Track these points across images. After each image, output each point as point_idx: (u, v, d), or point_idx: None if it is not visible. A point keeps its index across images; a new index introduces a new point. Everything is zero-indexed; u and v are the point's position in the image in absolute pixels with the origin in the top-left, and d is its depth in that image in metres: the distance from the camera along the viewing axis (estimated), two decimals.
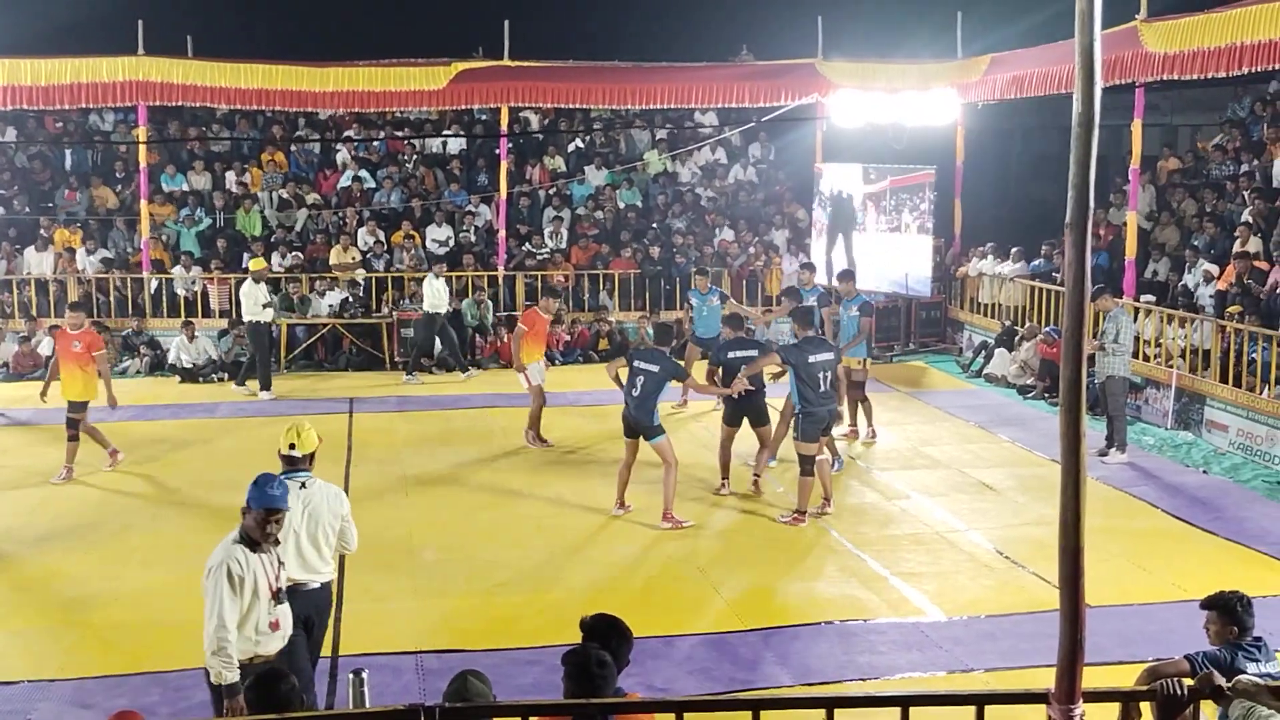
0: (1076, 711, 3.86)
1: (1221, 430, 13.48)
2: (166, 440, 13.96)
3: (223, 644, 5.60)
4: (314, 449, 6.84)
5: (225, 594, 5.65)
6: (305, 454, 6.75)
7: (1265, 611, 7.12)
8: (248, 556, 5.76)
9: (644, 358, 10.82)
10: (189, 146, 21.43)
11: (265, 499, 5.81)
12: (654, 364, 10.67)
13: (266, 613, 5.83)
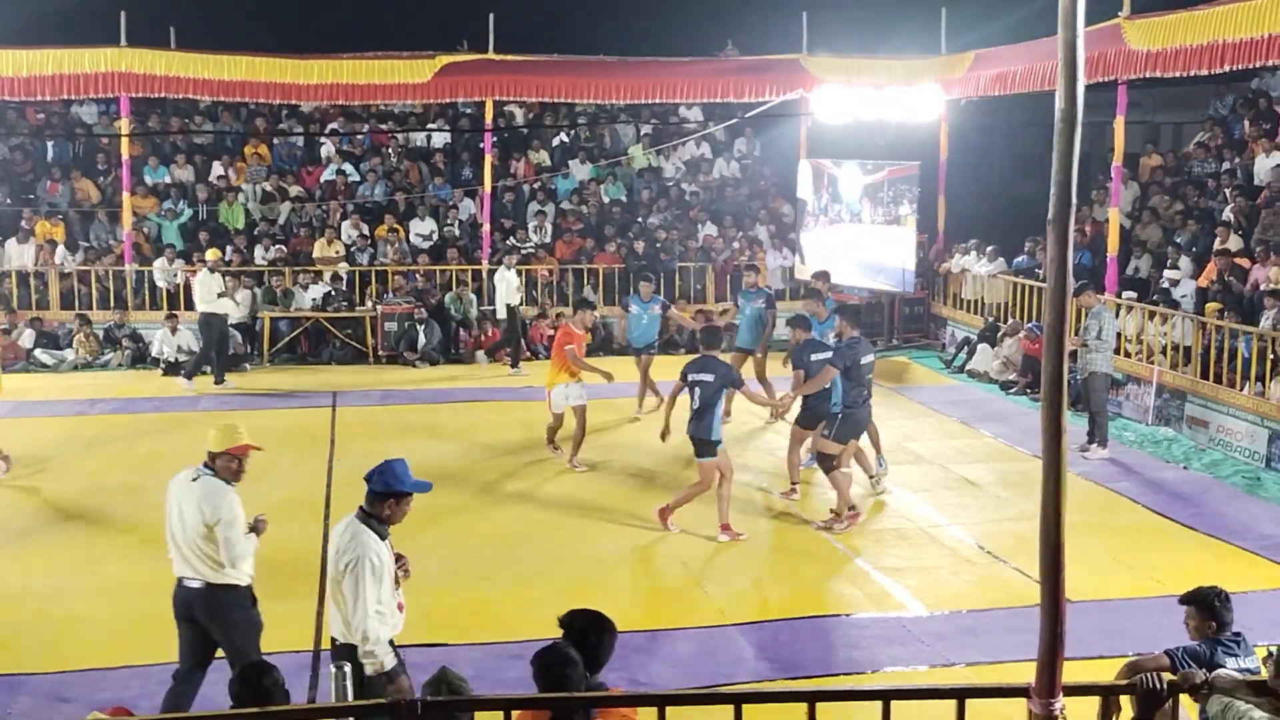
0: (1057, 705, 3.89)
1: (1202, 426, 13.55)
2: (148, 432, 13.90)
3: (375, 633, 5.70)
4: (221, 448, 6.57)
5: (369, 584, 5.71)
6: (209, 450, 6.60)
7: (1244, 607, 7.16)
8: (379, 544, 5.83)
9: (695, 367, 10.12)
10: (172, 139, 21.34)
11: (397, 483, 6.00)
12: (708, 372, 10.00)
13: (392, 596, 5.91)
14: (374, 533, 5.84)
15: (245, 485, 12.00)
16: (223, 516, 6.49)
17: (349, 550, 5.75)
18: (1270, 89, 18.08)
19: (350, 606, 5.71)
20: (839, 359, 10.53)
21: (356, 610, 5.70)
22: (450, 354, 18.49)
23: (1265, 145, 16.58)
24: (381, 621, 5.76)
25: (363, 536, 5.80)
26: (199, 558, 6.54)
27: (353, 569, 5.71)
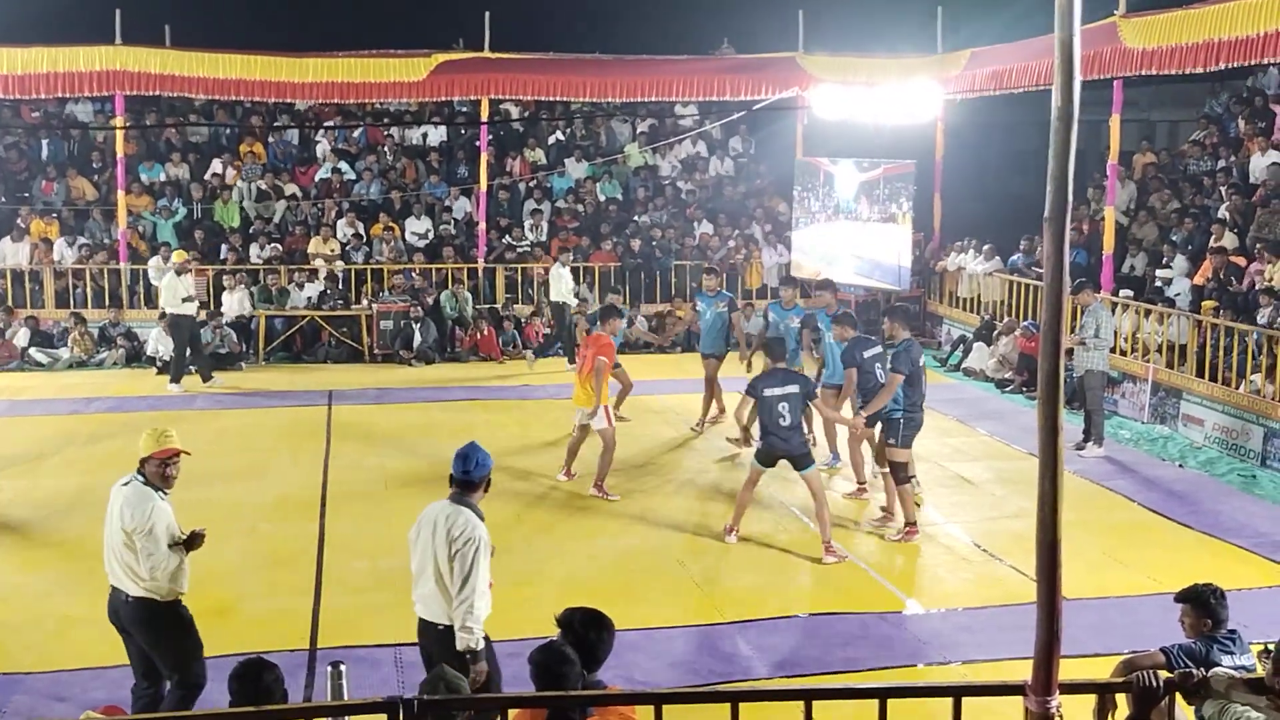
0: (1053, 703, 3.89)
1: (1197, 424, 13.57)
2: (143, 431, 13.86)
3: (480, 611, 5.95)
4: (148, 452, 6.41)
5: (483, 564, 5.99)
6: (140, 456, 6.43)
7: (1240, 604, 7.17)
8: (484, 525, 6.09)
9: (776, 382, 9.83)
10: (166, 137, 21.31)
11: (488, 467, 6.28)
12: (793, 384, 9.84)
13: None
14: (478, 515, 6.12)
15: (242, 483, 12.05)
16: (139, 525, 6.24)
17: (465, 533, 5.98)
18: (1266, 87, 18.10)
19: (460, 585, 5.92)
20: (901, 364, 10.19)
21: (466, 588, 5.92)
22: (446, 353, 18.48)
23: (1261, 143, 16.59)
24: (484, 600, 6.04)
25: (475, 519, 6.07)
26: (120, 566, 6.35)
27: (469, 550, 5.95)
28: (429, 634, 6.12)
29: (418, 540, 6.17)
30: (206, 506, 11.00)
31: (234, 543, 10.05)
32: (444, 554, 5.99)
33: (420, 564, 6.13)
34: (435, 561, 6.03)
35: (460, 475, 6.23)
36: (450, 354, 18.50)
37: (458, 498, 6.19)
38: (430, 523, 6.11)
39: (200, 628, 8.24)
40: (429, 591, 6.09)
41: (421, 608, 6.17)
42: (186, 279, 16.04)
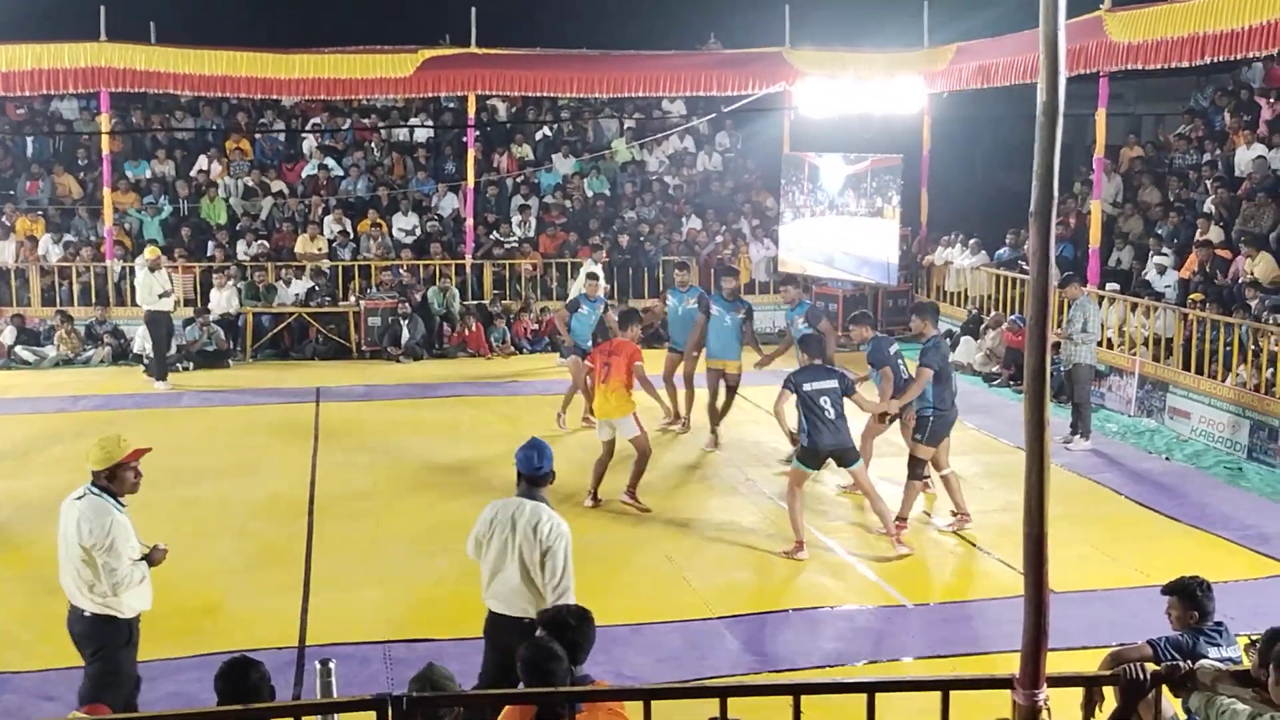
0: (1040, 696, 3.90)
1: (1184, 417, 13.62)
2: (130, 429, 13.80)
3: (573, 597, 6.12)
4: (112, 461, 6.21)
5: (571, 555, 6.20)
6: (94, 469, 6.22)
7: (1226, 597, 7.20)
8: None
9: (815, 377, 9.66)
10: (152, 134, 21.23)
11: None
12: (832, 379, 9.70)
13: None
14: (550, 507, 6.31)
15: (231, 481, 12.01)
16: (98, 540, 6.07)
17: (554, 529, 6.17)
18: (1251, 80, 18.17)
19: (560, 576, 6.11)
20: (931, 359, 10.17)
21: (562, 582, 6.13)
22: (434, 349, 18.45)
23: (1246, 136, 16.65)
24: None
25: (555, 514, 6.27)
26: (75, 583, 6.19)
27: (559, 545, 6.13)
28: (509, 629, 6.14)
29: (492, 539, 6.27)
30: (194, 505, 11.00)
31: (222, 541, 10.03)
32: (531, 551, 6.13)
33: (497, 562, 6.23)
34: (520, 559, 6.15)
35: (530, 470, 6.36)
36: (438, 350, 18.47)
37: (528, 493, 6.33)
38: (507, 522, 6.22)
39: (188, 627, 8.28)
40: (511, 588, 6.20)
41: (499, 604, 6.26)
42: (161, 275, 15.97)
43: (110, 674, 6.27)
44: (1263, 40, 12.56)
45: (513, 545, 6.17)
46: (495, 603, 6.30)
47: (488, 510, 6.41)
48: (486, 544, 6.29)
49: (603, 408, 10.79)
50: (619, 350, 10.83)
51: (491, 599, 6.32)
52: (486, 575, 6.33)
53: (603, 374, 10.74)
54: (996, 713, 6.49)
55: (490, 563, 6.29)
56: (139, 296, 16.05)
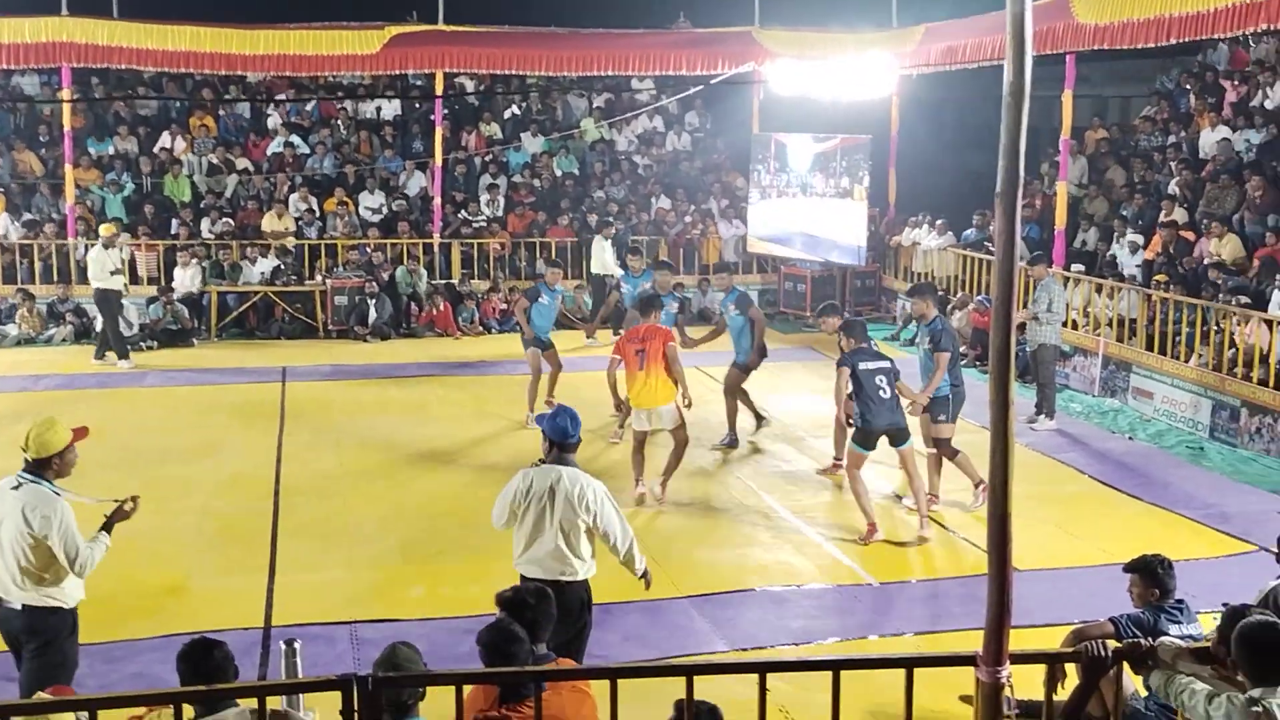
0: (1003, 673, 3.94)
1: (1147, 397, 13.74)
2: (93, 409, 13.70)
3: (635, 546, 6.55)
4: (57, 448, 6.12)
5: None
6: (34, 458, 6.07)
7: (1187, 574, 7.28)
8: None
9: (867, 358, 9.69)
10: (115, 110, 20.97)
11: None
12: (885, 360, 9.82)
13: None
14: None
15: (195, 461, 11.94)
16: (53, 528, 5.91)
17: (596, 491, 6.39)
18: (1216, 63, 18.29)
19: (618, 531, 6.44)
20: (947, 344, 10.27)
21: (625, 534, 6.48)
22: (402, 329, 18.36)
23: (1211, 119, 16.78)
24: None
25: (591, 478, 6.49)
26: (18, 575, 5.96)
27: (606, 505, 6.40)
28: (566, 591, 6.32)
29: (529, 508, 6.38)
30: (158, 485, 10.90)
31: (186, 521, 9.96)
32: (574, 517, 6.32)
33: (534, 530, 6.37)
34: (559, 525, 6.31)
35: (560, 437, 6.49)
36: (406, 330, 18.38)
37: (560, 459, 6.46)
38: (544, 491, 6.34)
39: (151, 607, 8.24)
40: (547, 552, 6.35)
41: (535, 569, 6.38)
42: (114, 252, 15.80)
43: (58, 665, 6.16)
44: (1228, 22, 12.63)
45: (551, 513, 6.32)
46: (530, 568, 6.43)
47: (519, 480, 6.49)
48: (522, 514, 6.41)
49: (644, 396, 10.25)
50: (652, 335, 10.36)
51: (525, 564, 6.45)
52: (521, 543, 6.45)
53: (638, 361, 10.23)
54: (960, 689, 6.57)
55: (526, 531, 6.42)
56: (90, 273, 15.82)
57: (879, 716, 6.51)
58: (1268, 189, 14.72)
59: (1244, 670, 4.28)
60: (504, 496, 6.51)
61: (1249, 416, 12.30)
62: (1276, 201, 14.63)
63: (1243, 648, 4.27)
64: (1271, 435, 12.02)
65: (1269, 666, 4.23)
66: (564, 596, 6.19)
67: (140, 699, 4.61)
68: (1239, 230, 14.54)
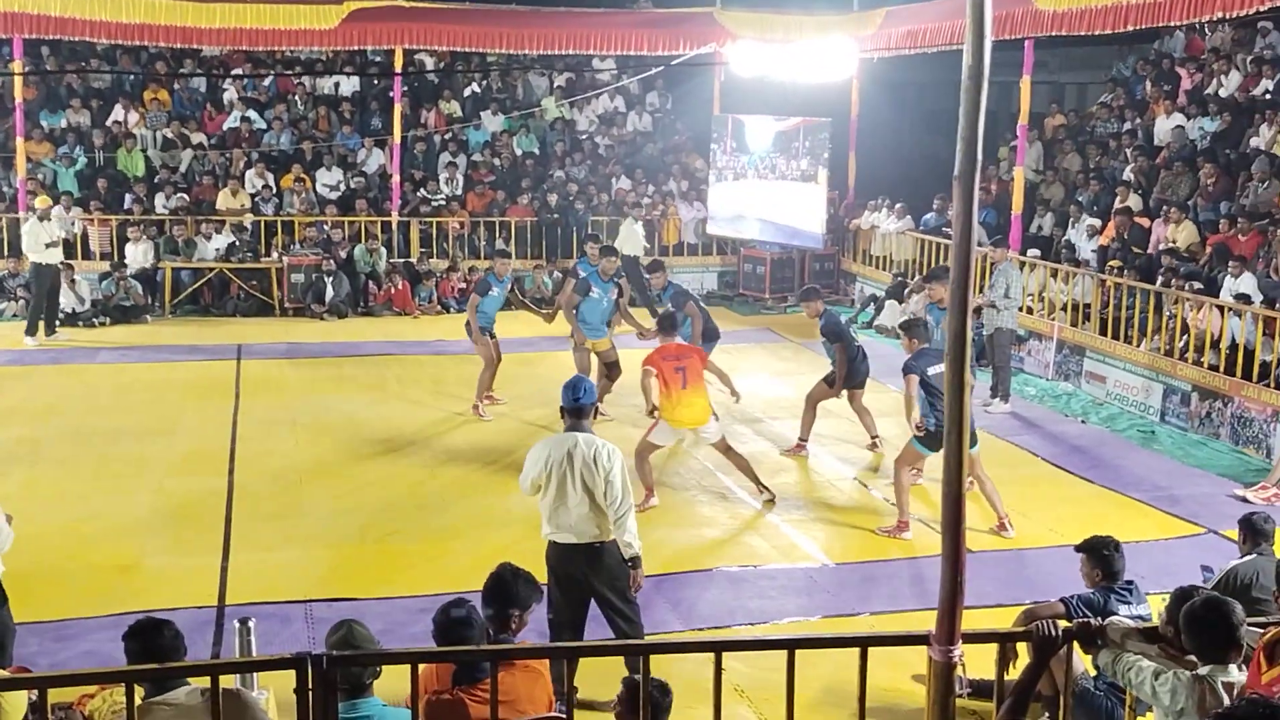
0: (956, 652, 3.97)
1: (1100, 381, 13.90)
2: (44, 385, 13.53)
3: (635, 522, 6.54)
4: None
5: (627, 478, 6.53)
6: None
7: (1137, 556, 7.40)
8: None
9: (933, 359, 9.25)
10: (68, 82, 20.63)
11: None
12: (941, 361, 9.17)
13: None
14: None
15: (149, 439, 11.82)
16: None
17: (611, 454, 6.48)
18: (1172, 50, 18.46)
19: (621, 501, 6.42)
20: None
21: (624, 505, 6.44)
22: (359, 307, 18.23)
23: (1166, 106, 16.95)
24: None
25: (608, 443, 6.59)
26: None
27: (619, 470, 6.44)
28: (578, 556, 6.49)
29: (552, 475, 6.46)
30: (111, 462, 10.81)
31: (139, 499, 9.87)
32: (594, 479, 6.41)
33: (561, 495, 6.45)
34: (584, 488, 6.41)
35: (572, 404, 6.63)
36: (364, 309, 18.26)
37: (576, 426, 6.61)
38: (564, 457, 6.45)
39: (104, 585, 8.16)
40: (580, 516, 6.45)
41: (570, 535, 6.48)
42: (50, 224, 15.59)
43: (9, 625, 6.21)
44: (1184, 10, 12.76)
45: (573, 478, 6.42)
46: (562, 534, 6.52)
47: (539, 450, 6.60)
48: (546, 483, 6.49)
49: (686, 415, 9.76)
50: (688, 353, 10.05)
51: (556, 532, 6.54)
52: (547, 511, 6.53)
53: (679, 379, 9.72)
54: (913, 669, 6.64)
55: (550, 499, 6.49)
56: (25, 245, 15.62)
57: (834, 695, 6.57)
58: (1221, 176, 14.92)
59: (1191, 648, 4.35)
60: (528, 468, 6.64)
61: (1199, 401, 12.47)
62: (1229, 189, 14.83)
63: (1190, 625, 4.34)
64: (1221, 420, 12.20)
65: (1215, 644, 4.31)
66: (603, 557, 6.48)
67: (92, 677, 4.58)
68: (1193, 217, 14.72)
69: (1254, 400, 11.81)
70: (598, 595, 6.60)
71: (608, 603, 6.59)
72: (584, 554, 6.50)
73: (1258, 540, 6.72)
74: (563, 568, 6.57)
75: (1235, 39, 17.19)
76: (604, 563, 6.50)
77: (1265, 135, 15.04)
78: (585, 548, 6.48)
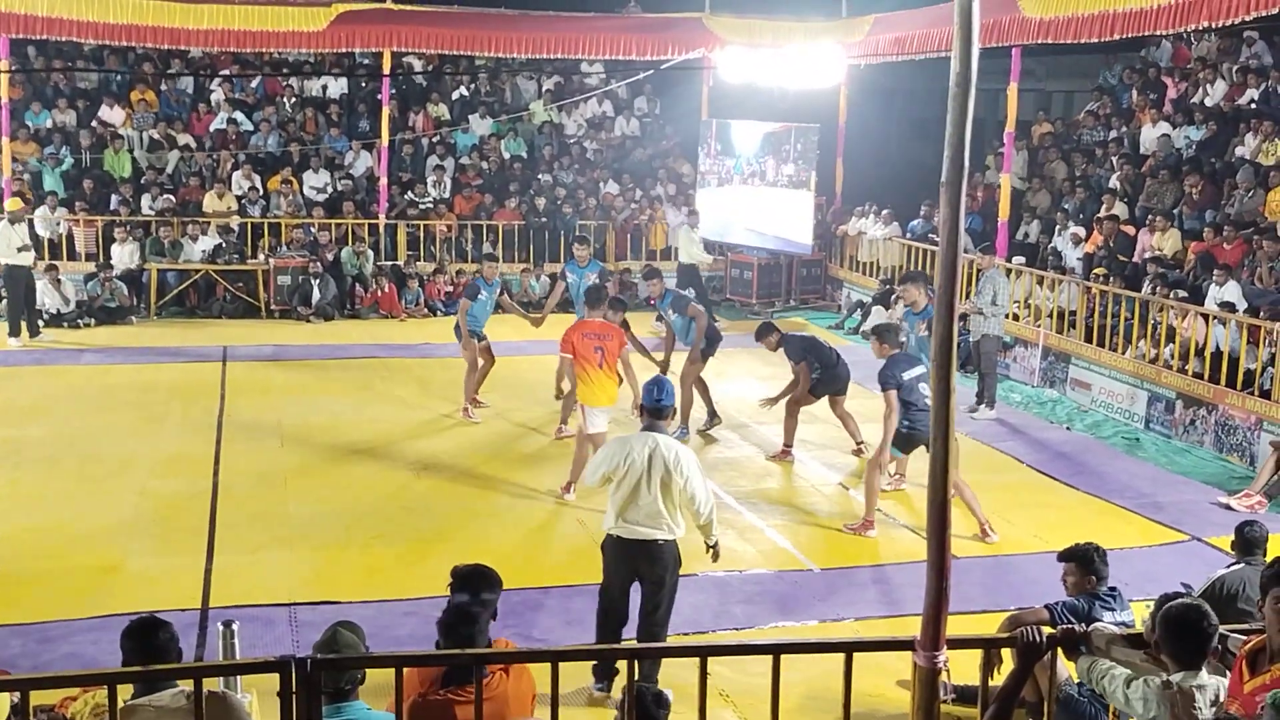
0: (940, 658, 3.98)
1: (1085, 388, 13.95)
2: (28, 387, 13.47)
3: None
4: None
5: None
6: None
7: (1121, 563, 7.42)
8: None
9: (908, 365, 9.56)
10: (54, 82, 20.55)
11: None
12: (921, 365, 9.54)
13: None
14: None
15: (133, 440, 11.78)
16: None
17: (686, 455, 6.75)
18: (1158, 59, 18.55)
19: (704, 497, 6.73)
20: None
21: (708, 501, 6.78)
22: (346, 310, 18.19)
23: (1152, 115, 17.03)
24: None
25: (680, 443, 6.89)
26: None
27: (697, 471, 6.73)
28: (641, 552, 6.70)
29: (627, 473, 6.63)
30: (94, 463, 10.76)
31: (123, 500, 9.83)
32: (673, 480, 6.61)
33: (635, 492, 6.63)
34: (658, 487, 6.60)
35: (654, 404, 6.82)
36: (350, 311, 18.22)
37: (653, 426, 6.81)
38: (643, 457, 6.63)
39: (87, 587, 8.12)
40: (649, 514, 6.64)
41: (640, 530, 6.67)
42: (21, 228, 15.55)
43: None
44: (1170, 19, 12.81)
45: (649, 477, 6.59)
46: (627, 529, 6.70)
47: (617, 446, 6.76)
48: (620, 479, 6.65)
49: (600, 394, 9.93)
50: (608, 333, 10.15)
51: (621, 527, 6.70)
52: (618, 506, 6.68)
53: (597, 359, 9.91)
54: (898, 674, 6.65)
55: (624, 495, 6.66)
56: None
57: (819, 701, 6.57)
58: (1206, 185, 14.99)
59: (1166, 653, 4.35)
60: (602, 461, 6.80)
61: (1184, 409, 12.52)
62: (1214, 197, 14.91)
63: (1166, 630, 4.34)
64: (1205, 427, 12.25)
65: (1190, 649, 4.31)
66: (661, 555, 6.68)
67: (74, 679, 4.55)
68: (1178, 225, 14.80)
69: (1238, 408, 11.86)
70: (646, 590, 6.77)
71: (652, 598, 6.76)
72: (646, 550, 6.69)
73: (1249, 550, 6.74)
74: (622, 561, 6.78)
75: (1221, 48, 17.28)
76: (662, 560, 6.70)
77: (1250, 144, 15.13)
78: (649, 544, 6.67)
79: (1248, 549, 6.75)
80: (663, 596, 6.77)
